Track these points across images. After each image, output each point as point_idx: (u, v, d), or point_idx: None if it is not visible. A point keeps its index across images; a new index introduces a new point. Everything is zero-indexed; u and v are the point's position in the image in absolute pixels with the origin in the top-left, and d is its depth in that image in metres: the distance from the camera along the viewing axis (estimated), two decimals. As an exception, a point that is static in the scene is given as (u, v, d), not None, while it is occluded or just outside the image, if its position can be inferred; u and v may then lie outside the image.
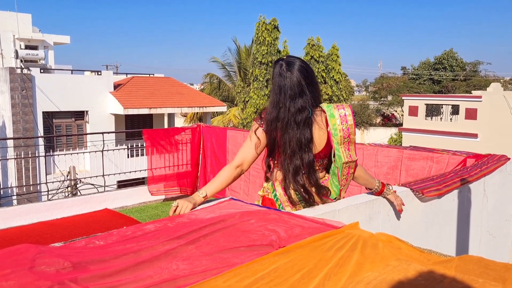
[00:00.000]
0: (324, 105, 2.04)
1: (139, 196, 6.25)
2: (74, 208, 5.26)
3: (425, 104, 24.25)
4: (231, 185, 6.38)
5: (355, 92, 54.06)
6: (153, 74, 21.02)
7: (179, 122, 23.36)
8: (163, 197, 6.39)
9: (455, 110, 23.55)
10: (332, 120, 1.98)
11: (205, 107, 18.77)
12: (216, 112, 22.64)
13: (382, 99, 39.34)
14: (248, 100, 18.52)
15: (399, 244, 1.43)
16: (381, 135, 31.63)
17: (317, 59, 17.38)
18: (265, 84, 17.24)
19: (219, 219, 1.70)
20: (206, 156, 6.48)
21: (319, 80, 17.33)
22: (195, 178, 6.46)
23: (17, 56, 17.69)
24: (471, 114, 21.52)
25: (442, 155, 3.75)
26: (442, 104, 24.23)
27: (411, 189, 2.47)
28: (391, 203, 2.28)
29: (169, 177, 6.25)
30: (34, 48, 19.57)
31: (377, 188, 2.22)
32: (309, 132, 1.97)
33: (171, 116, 19.75)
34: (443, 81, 40.40)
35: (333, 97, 17.60)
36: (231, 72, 24.65)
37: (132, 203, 6.13)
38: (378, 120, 38.48)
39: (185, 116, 24.78)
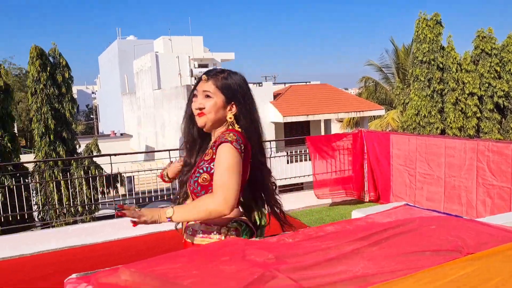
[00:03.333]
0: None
1: (304, 200, 6.55)
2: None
3: None
4: (395, 191, 6.21)
5: (537, 85, 46.57)
6: (310, 82, 21.60)
7: (335, 128, 23.46)
8: (328, 201, 6.57)
9: None
10: None
11: (363, 111, 18.49)
12: (373, 116, 22.08)
13: None
14: (408, 101, 17.61)
15: None
16: None
17: (489, 52, 15.59)
18: (427, 84, 16.17)
19: (397, 224, 1.73)
20: (371, 161, 6.44)
21: (493, 75, 15.52)
22: (360, 183, 6.48)
23: (191, 75, 20.15)
24: None
25: None
26: None
27: None
28: None
29: (333, 181, 6.41)
30: (205, 66, 22.00)
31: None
32: None
33: (327, 122, 19.99)
34: None
35: (510, 92, 15.55)
36: (388, 74, 23.80)
37: (298, 207, 6.45)
38: None
39: (341, 121, 24.73)
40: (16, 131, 15.08)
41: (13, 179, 7.26)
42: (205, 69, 20.58)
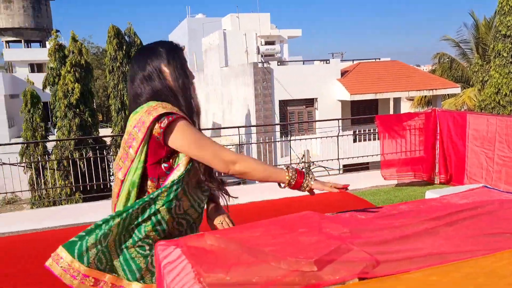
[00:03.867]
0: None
1: (371, 179, 6.47)
2: (312, 187, 5.80)
3: None
4: (470, 174, 5.96)
5: None
6: (379, 59, 20.83)
7: (405, 107, 22.55)
8: (394, 181, 6.44)
9: None
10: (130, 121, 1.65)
11: (436, 89, 17.57)
12: (447, 95, 20.90)
13: None
14: (488, 79, 16.45)
15: None
16: None
17: None
18: (510, 60, 14.97)
19: (475, 205, 1.70)
20: (444, 142, 6.18)
21: None
22: (431, 164, 6.25)
23: (258, 52, 20.21)
24: None
25: None
26: None
27: None
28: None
29: (402, 162, 6.25)
30: (272, 43, 21.93)
31: (291, 178, 1.57)
32: None
33: (396, 101, 19.25)
34: None
35: None
36: (465, 50, 22.26)
37: (364, 186, 6.39)
38: None
39: (411, 100, 23.67)
40: (94, 106, 16.13)
41: (97, 151, 7.84)
42: (271, 46, 20.41)
